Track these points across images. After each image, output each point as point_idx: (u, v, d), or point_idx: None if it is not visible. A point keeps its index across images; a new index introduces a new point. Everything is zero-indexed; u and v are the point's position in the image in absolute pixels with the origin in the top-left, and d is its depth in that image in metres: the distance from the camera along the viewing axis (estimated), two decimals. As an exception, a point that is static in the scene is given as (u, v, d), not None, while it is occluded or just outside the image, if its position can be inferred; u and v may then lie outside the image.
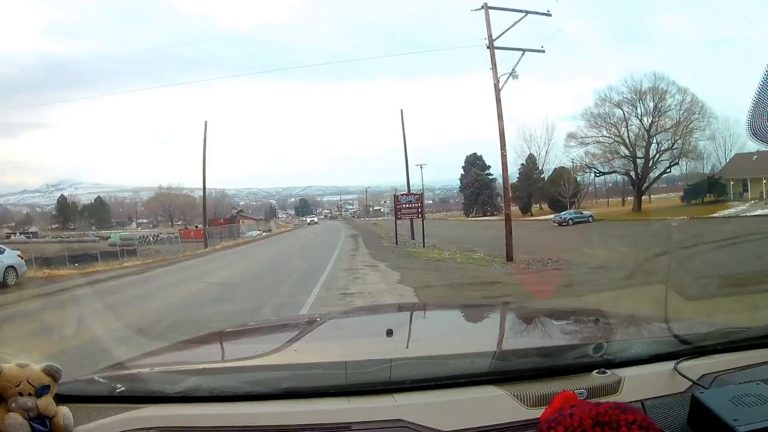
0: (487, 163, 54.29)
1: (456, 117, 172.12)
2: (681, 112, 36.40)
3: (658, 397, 1.10)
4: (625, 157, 38.41)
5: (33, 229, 56.97)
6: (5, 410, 1.04)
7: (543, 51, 17.30)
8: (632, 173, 38.61)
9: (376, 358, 1.29)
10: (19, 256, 15.64)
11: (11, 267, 14.78)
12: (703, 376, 1.16)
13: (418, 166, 37.72)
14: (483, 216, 52.56)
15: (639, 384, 1.14)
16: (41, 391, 1.07)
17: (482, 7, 16.58)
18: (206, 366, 1.38)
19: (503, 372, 1.19)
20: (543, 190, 47.83)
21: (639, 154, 37.72)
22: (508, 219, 16.95)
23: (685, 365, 1.19)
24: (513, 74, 16.72)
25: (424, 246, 21.12)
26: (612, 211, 41.30)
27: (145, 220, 70.74)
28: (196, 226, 43.84)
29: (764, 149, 23.52)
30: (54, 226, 63.87)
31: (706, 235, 15.83)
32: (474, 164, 55.41)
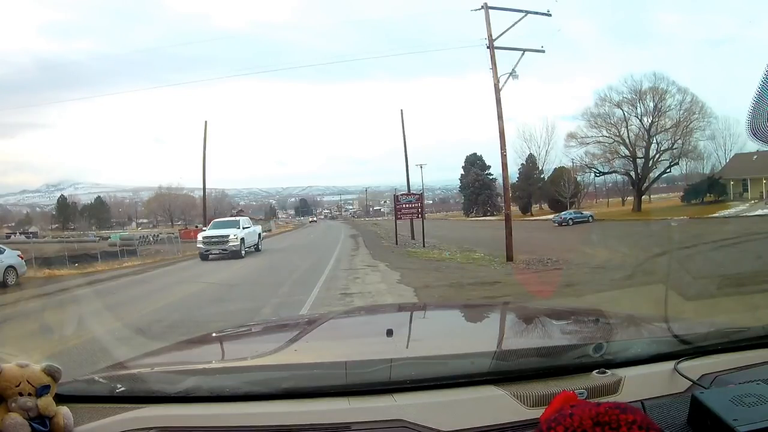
0: (487, 163, 54.45)
1: (456, 117, 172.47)
2: (681, 112, 36.56)
3: (658, 397, 1.10)
4: (625, 157, 38.53)
5: (33, 229, 57.00)
6: (5, 410, 1.04)
7: (543, 51, 17.34)
8: (632, 173, 38.68)
9: (376, 358, 1.29)
10: (19, 256, 15.65)
11: (11, 267, 14.79)
12: (703, 376, 1.16)
13: (418, 166, 37.95)
14: (483, 216, 52.58)
15: (639, 384, 1.14)
16: (41, 391, 1.07)
17: (482, 7, 16.59)
18: (206, 366, 1.38)
19: (503, 372, 1.19)
20: (543, 190, 47.87)
21: (639, 154, 37.80)
22: (508, 219, 16.96)
23: (685, 365, 1.19)
24: (513, 74, 16.76)
25: (424, 246, 21.12)
26: (612, 211, 41.36)
27: (145, 220, 70.75)
28: (196, 226, 43.74)
29: (764, 149, 23.53)
30: (54, 226, 63.93)
31: (706, 235, 15.85)
32: (474, 164, 55.46)
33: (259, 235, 23.91)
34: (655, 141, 37.21)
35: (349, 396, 1.13)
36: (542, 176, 48.92)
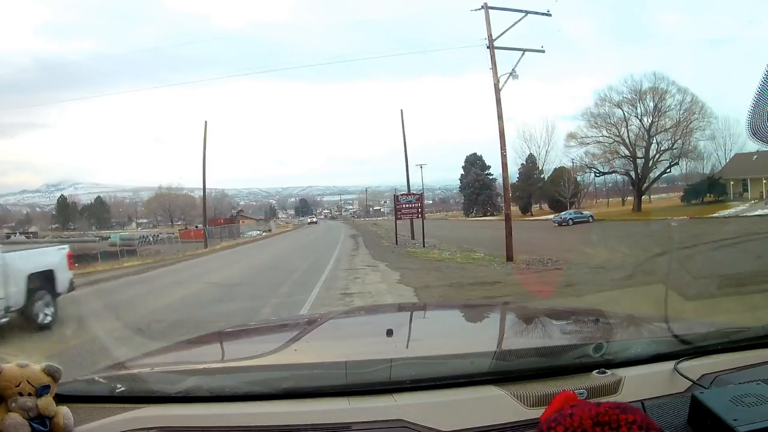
0: (487, 163, 54.39)
1: (456, 117, 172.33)
2: (681, 112, 36.50)
3: (658, 397, 1.10)
4: (625, 157, 38.50)
5: (33, 229, 57.12)
6: (5, 410, 1.04)
7: (543, 51, 17.33)
8: (632, 173, 38.65)
9: (376, 358, 1.29)
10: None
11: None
12: (703, 376, 1.16)
13: (418, 166, 37.86)
14: (483, 216, 52.56)
15: (639, 384, 1.14)
16: (41, 391, 1.07)
17: (482, 7, 16.59)
18: (206, 366, 1.38)
19: (503, 372, 1.19)
20: (543, 190, 47.86)
21: (639, 154, 37.77)
22: (508, 219, 16.96)
23: (685, 365, 1.19)
24: (513, 74, 16.75)
25: (424, 246, 21.12)
26: (612, 211, 41.34)
27: (145, 220, 70.68)
28: (196, 226, 43.75)
29: (764, 149, 23.54)
30: (54, 226, 63.91)
31: (705, 235, 15.84)
32: (474, 164, 55.42)
33: (50, 279, 7.86)
34: (655, 141, 37.23)
35: (349, 396, 1.13)
36: (542, 176, 48.90)
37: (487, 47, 16.69)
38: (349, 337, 1.94)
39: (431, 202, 73.66)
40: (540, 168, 49.51)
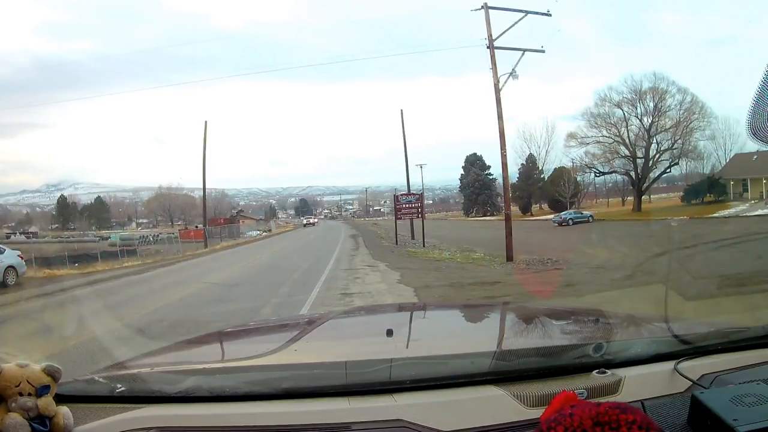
0: (487, 163, 54.40)
1: (456, 117, 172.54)
2: (681, 112, 36.47)
3: (658, 397, 1.10)
4: (625, 157, 38.47)
5: (33, 229, 57.07)
6: (5, 410, 1.03)
7: (543, 51, 17.33)
8: (632, 173, 38.63)
9: (376, 358, 1.29)
10: (19, 256, 15.65)
11: (11, 267, 14.79)
12: (703, 376, 1.16)
13: (418, 166, 37.81)
14: (483, 216, 52.56)
15: (639, 384, 1.14)
16: (41, 391, 1.07)
17: (482, 7, 16.59)
18: (206, 366, 1.38)
19: (503, 372, 1.19)
20: (543, 190, 47.87)
21: (639, 154, 37.75)
22: (508, 219, 16.96)
23: (685, 365, 1.19)
24: (513, 74, 16.75)
25: (424, 246, 21.12)
26: (612, 211, 41.35)
27: (145, 220, 70.71)
28: (196, 226, 43.73)
29: (764, 149, 23.54)
30: (54, 226, 63.90)
31: (705, 235, 15.86)
32: (474, 164, 55.43)
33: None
34: (655, 141, 37.18)
35: (349, 396, 1.13)
36: (542, 176, 48.90)
37: (487, 47, 16.70)
38: (349, 337, 1.93)
39: (431, 202, 73.65)
40: (540, 168, 49.56)
